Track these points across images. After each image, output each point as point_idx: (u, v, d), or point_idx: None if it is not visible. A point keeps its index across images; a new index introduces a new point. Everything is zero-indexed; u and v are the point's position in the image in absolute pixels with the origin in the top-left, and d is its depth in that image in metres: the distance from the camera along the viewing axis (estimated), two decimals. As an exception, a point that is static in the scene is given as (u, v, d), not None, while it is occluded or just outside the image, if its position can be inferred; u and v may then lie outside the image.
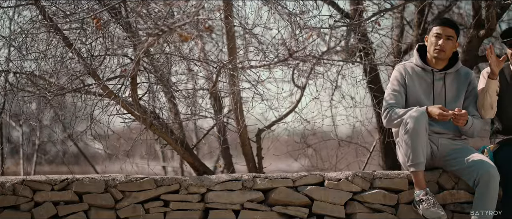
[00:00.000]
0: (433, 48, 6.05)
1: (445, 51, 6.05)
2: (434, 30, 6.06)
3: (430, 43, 6.08)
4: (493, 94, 6.03)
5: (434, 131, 6.06)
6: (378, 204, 6.04)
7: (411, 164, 5.85)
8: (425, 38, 6.15)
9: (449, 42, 6.05)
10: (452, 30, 6.08)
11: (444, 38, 6.03)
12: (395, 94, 6.08)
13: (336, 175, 6.08)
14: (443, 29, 6.05)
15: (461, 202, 6.07)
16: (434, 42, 6.04)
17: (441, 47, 6.02)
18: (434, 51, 6.04)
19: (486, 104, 6.03)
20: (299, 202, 6.00)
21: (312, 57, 6.62)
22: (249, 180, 6.01)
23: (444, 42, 6.03)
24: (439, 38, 6.03)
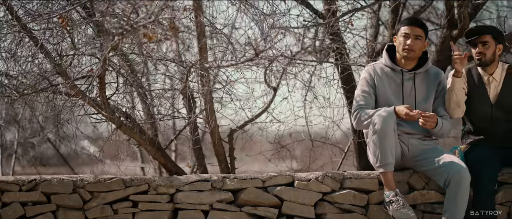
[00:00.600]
0: (401, 47, 6.02)
1: (414, 50, 6.02)
2: (402, 30, 6.04)
3: (398, 43, 6.05)
4: (459, 93, 6.00)
5: (404, 131, 6.03)
6: (348, 204, 6.01)
7: (380, 164, 5.82)
8: (394, 38, 6.12)
9: (417, 42, 6.03)
10: (420, 29, 6.05)
11: (413, 38, 6.01)
12: (364, 95, 6.05)
13: (306, 175, 6.05)
14: (411, 28, 6.03)
15: (432, 202, 6.05)
16: (402, 42, 6.02)
17: (409, 46, 6.00)
18: (403, 51, 6.02)
19: (453, 103, 6.01)
20: (268, 203, 5.97)
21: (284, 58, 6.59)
22: (218, 181, 5.98)
23: (412, 41, 6.00)
24: (407, 38, 6.01)
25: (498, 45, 6.16)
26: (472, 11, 7.10)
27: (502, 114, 6.15)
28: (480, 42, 6.11)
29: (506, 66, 6.23)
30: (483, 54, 6.10)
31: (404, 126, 6.01)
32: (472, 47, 6.16)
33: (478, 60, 6.12)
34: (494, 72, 6.18)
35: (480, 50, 6.10)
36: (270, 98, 6.97)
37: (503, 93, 6.17)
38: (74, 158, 11.49)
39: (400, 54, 6.04)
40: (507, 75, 6.19)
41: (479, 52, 6.11)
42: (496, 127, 6.14)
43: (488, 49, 6.11)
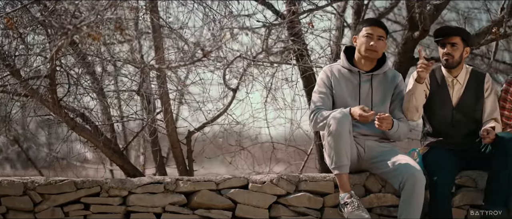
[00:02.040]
0: (364, 48, 5.95)
1: (377, 51, 5.96)
2: (365, 30, 5.97)
3: (360, 43, 5.98)
4: (419, 98, 5.94)
5: (361, 133, 5.97)
6: (303, 207, 5.94)
7: (335, 166, 5.76)
8: (354, 38, 6.05)
9: (380, 42, 5.97)
10: (382, 30, 6.00)
11: (376, 39, 5.95)
12: (321, 96, 5.99)
13: (260, 178, 5.97)
14: (374, 29, 5.96)
15: (388, 205, 5.99)
16: (365, 42, 5.95)
17: (373, 47, 5.94)
18: (366, 51, 5.95)
19: (411, 107, 5.95)
20: (222, 205, 5.89)
21: (242, 59, 6.53)
22: (171, 183, 5.90)
23: (376, 42, 5.94)
24: (370, 38, 5.94)
25: (466, 48, 6.10)
26: (433, 12, 7.05)
27: (463, 117, 6.10)
28: (448, 43, 6.05)
29: (470, 69, 6.17)
30: (450, 56, 6.04)
31: (360, 128, 5.94)
32: (440, 46, 6.10)
33: (445, 61, 6.06)
34: (458, 75, 6.12)
35: (448, 51, 6.04)
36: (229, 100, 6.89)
37: (465, 96, 6.11)
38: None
39: (362, 55, 5.97)
40: (470, 79, 6.13)
41: (447, 53, 6.04)
42: (456, 130, 6.09)
43: (456, 51, 6.05)
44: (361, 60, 6.01)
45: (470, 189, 6.07)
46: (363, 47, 5.95)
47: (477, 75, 6.17)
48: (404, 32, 7.27)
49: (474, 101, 6.13)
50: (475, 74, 6.18)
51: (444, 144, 6.10)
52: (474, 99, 6.13)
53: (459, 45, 6.05)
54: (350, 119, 5.76)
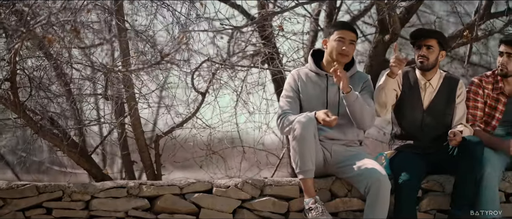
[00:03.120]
0: (336, 52, 5.89)
1: (348, 55, 5.91)
2: (337, 34, 5.90)
3: (331, 47, 5.92)
4: (389, 94, 5.88)
5: (328, 137, 5.91)
6: (268, 212, 5.88)
7: (299, 171, 5.70)
8: (324, 41, 5.99)
9: (351, 46, 5.92)
10: (354, 34, 5.95)
11: (348, 43, 5.90)
12: (288, 100, 5.93)
13: (225, 182, 5.92)
14: (346, 33, 5.91)
15: (354, 210, 5.94)
16: (337, 46, 5.88)
17: (345, 52, 5.88)
18: (338, 56, 5.89)
19: (381, 101, 5.89)
20: (186, 210, 5.83)
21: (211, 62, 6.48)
22: (134, 187, 5.84)
23: (347, 46, 5.89)
24: (342, 43, 5.88)
25: (441, 51, 6.07)
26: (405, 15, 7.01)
27: (432, 120, 6.07)
28: (424, 45, 6.01)
29: (444, 75, 6.13)
30: (426, 58, 6.01)
31: (327, 131, 5.89)
32: (415, 48, 6.05)
33: (420, 63, 6.02)
34: (432, 79, 6.08)
35: (424, 53, 6.00)
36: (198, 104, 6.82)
37: (436, 100, 6.08)
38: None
39: (333, 58, 5.91)
40: (443, 83, 6.09)
41: (423, 55, 6.01)
42: (424, 133, 6.06)
43: (432, 53, 6.01)
44: (330, 64, 5.95)
45: (437, 193, 6.03)
46: (335, 51, 5.89)
47: (450, 80, 6.14)
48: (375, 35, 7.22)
49: (444, 106, 6.10)
50: (449, 79, 6.15)
51: (412, 148, 6.06)
52: (445, 103, 6.10)
53: (435, 48, 6.02)
54: (315, 123, 5.69)
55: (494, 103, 6.18)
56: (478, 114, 6.17)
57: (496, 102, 6.18)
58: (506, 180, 6.09)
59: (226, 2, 6.89)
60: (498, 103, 6.17)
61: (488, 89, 6.18)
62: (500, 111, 6.17)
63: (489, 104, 6.19)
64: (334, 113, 5.83)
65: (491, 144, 6.04)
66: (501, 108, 6.17)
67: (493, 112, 6.18)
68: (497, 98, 6.17)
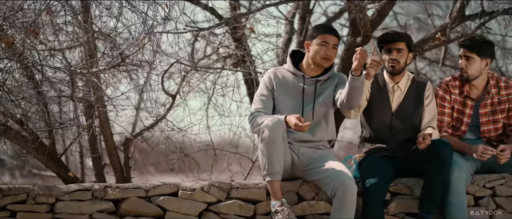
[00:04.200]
0: (320, 56, 5.83)
1: (331, 60, 5.89)
2: (321, 38, 5.84)
3: (315, 50, 5.85)
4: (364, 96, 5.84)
5: (296, 139, 5.88)
6: (234, 215, 5.84)
7: (267, 173, 5.66)
8: (306, 44, 5.92)
9: (334, 51, 5.89)
10: (337, 38, 5.92)
11: (331, 47, 5.86)
12: (262, 99, 5.89)
13: (191, 185, 5.87)
14: (330, 37, 5.86)
15: (321, 213, 5.90)
16: (321, 50, 5.83)
17: (328, 56, 5.85)
18: (321, 60, 5.84)
19: None
20: (151, 213, 5.78)
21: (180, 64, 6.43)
22: (99, 190, 5.79)
23: (330, 51, 5.85)
24: (326, 47, 5.84)
25: (409, 54, 6.03)
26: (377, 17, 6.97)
27: (401, 123, 6.04)
28: (395, 49, 5.98)
29: (412, 77, 6.10)
30: (397, 62, 5.98)
31: (296, 133, 5.84)
32: (384, 52, 6.01)
33: (391, 67, 5.98)
34: (400, 81, 6.05)
35: (395, 57, 5.97)
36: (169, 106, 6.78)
37: (405, 103, 6.06)
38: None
39: (315, 62, 5.86)
40: (411, 86, 6.05)
41: (394, 59, 5.97)
42: (393, 136, 6.03)
43: (402, 57, 5.99)
44: (310, 66, 5.91)
45: (405, 196, 6.00)
46: (319, 55, 5.84)
47: (418, 82, 6.12)
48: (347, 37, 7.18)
49: (413, 108, 6.07)
50: (417, 81, 6.12)
51: (381, 151, 6.03)
52: (414, 106, 6.07)
53: (404, 51, 6.00)
54: (284, 125, 5.65)
55: (461, 108, 6.14)
56: (445, 119, 6.13)
57: (464, 107, 6.14)
58: (475, 183, 6.06)
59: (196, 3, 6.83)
60: (465, 108, 6.13)
61: (455, 94, 6.14)
62: (468, 115, 6.13)
63: (457, 109, 6.15)
64: (309, 115, 5.80)
65: (460, 149, 6.00)
66: (468, 112, 6.13)
67: (461, 116, 6.15)
68: (464, 102, 6.14)
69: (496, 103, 6.13)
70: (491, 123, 6.15)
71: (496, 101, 6.13)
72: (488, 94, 6.12)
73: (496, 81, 6.16)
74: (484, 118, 6.14)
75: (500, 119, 6.15)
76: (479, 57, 6.06)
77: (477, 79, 6.11)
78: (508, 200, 6.10)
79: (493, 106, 6.13)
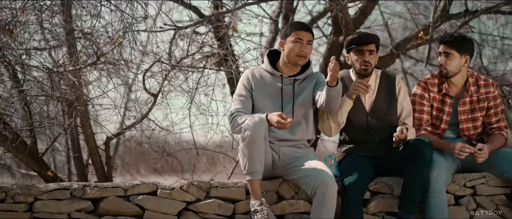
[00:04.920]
0: (295, 53, 5.82)
1: (306, 57, 5.86)
2: (295, 35, 5.83)
3: (289, 48, 5.84)
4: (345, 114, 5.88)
5: (277, 138, 5.86)
6: (213, 214, 5.82)
7: (247, 172, 5.64)
8: (281, 43, 5.92)
9: (309, 47, 5.86)
10: (311, 34, 5.89)
11: (305, 44, 5.83)
12: (241, 99, 5.87)
13: (170, 184, 5.85)
14: (304, 34, 5.84)
15: (300, 212, 5.88)
16: (294, 47, 5.82)
17: (303, 53, 5.82)
18: (297, 58, 5.83)
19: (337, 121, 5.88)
20: (129, 212, 5.76)
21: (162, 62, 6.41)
22: (78, 189, 5.77)
23: (305, 47, 5.83)
24: (301, 44, 5.82)
25: (376, 54, 6.02)
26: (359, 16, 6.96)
27: (378, 122, 6.03)
28: (367, 51, 5.95)
29: (380, 73, 6.08)
30: (370, 64, 5.96)
31: (276, 132, 5.83)
32: (355, 54, 5.96)
33: (364, 70, 5.95)
34: (369, 80, 6.04)
35: (368, 59, 5.94)
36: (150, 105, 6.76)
37: (378, 101, 6.05)
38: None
39: (292, 60, 5.84)
40: (381, 82, 6.04)
41: (367, 61, 5.94)
42: (372, 135, 6.02)
43: (374, 58, 5.98)
44: (286, 65, 5.90)
45: (385, 195, 5.98)
46: (293, 53, 5.82)
47: (387, 77, 6.11)
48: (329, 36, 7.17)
49: (387, 104, 6.06)
50: (386, 77, 6.10)
51: (361, 150, 6.01)
52: (387, 102, 6.07)
53: (375, 52, 5.99)
54: (266, 124, 5.63)
55: (440, 106, 6.13)
56: (424, 118, 6.12)
57: (443, 105, 6.13)
58: (456, 182, 6.05)
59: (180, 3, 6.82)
60: (444, 105, 6.12)
61: (434, 92, 6.13)
62: (447, 112, 6.12)
63: (436, 107, 6.14)
64: (288, 114, 5.79)
65: (439, 147, 5.99)
66: (447, 110, 6.12)
67: (440, 114, 6.14)
68: (443, 100, 6.13)
69: (475, 101, 6.12)
70: (470, 121, 6.14)
71: (475, 99, 6.12)
72: (467, 92, 6.11)
73: (476, 79, 6.15)
74: (463, 115, 6.13)
75: (479, 117, 6.13)
76: (459, 54, 6.05)
77: (456, 77, 6.09)
78: (489, 199, 6.09)
79: (472, 104, 6.12)
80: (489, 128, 6.16)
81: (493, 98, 6.15)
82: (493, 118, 6.15)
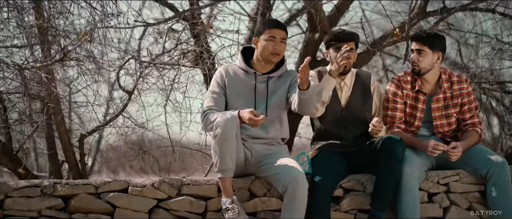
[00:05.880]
0: (268, 52, 5.80)
1: (280, 54, 5.83)
2: (268, 33, 5.81)
3: (263, 46, 5.82)
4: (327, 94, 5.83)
5: (250, 136, 5.83)
6: (185, 211, 5.79)
7: (218, 169, 5.61)
8: (254, 40, 5.89)
9: (282, 45, 5.84)
10: (285, 32, 5.87)
11: (279, 41, 5.81)
12: (214, 96, 5.84)
13: (141, 181, 5.83)
14: (277, 31, 5.81)
15: (272, 209, 5.86)
16: (268, 45, 5.79)
17: (277, 51, 5.80)
18: (270, 56, 5.81)
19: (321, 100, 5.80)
20: (100, 210, 5.74)
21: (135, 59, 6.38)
22: (49, 186, 5.74)
23: (279, 45, 5.80)
24: (274, 42, 5.79)
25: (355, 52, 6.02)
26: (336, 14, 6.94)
27: (353, 118, 6.03)
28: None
29: (355, 71, 6.08)
30: (349, 61, 5.95)
31: (250, 130, 5.80)
32: (334, 51, 5.95)
33: (344, 67, 5.93)
34: (345, 78, 6.05)
35: (348, 56, 5.92)
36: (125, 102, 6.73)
37: (353, 98, 6.05)
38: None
39: (265, 58, 5.82)
40: (356, 81, 6.04)
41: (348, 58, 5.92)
42: (346, 131, 6.01)
43: (353, 55, 5.97)
44: (260, 63, 5.88)
45: (358, 193, 5.96)
46: (267, 51, 5.80)
47: (363, 76, 6.14)
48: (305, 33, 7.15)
49: (362, 102, 6.09)
50: (361, 75, 6.12)
51: (334, 147, 5.99)
52: (362, 100, 6.09)
53: (354, 49, 5.98)
54: (238, 122, 5.60)
55: (414, 103, 6.12)
56: (397, 115, 6.10)
57: (416, 102, 6.11)
58: (429, 179, 6.03)
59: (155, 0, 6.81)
60: (418, 103, 6.11)
61: (407, 89, 6.11)
62: (421, 109, 6.10)
63: (409, 104, 6.12)
64: (262, 112, 5.76)
65: (412, 145, 5.98)
66: (421, 107, 6.10)
67: (414, 111, 6.12)
68: (417, 97, 6.11)
69: (448, 98, 6.10)
70: (444, 117, 6.12)
71: (449, 96, 6.11)
72: (440, 88, 6.10)
73: (448, 76, 6.14)
74: (436, 112, 6.11)
75: (452, 113, 6.12)
76: (431, 50, 6.03)
77: (429, 74, 6.08)
78: (462, 196, 6.08)
79: (446, 101, 6.11)
80: (463, 124, 6.14)
81: (467, 95, 6.14)
82: (467, 114, 6.14)
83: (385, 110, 6.13)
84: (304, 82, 5.51)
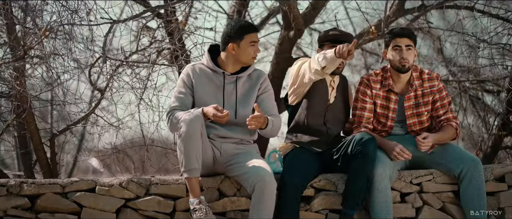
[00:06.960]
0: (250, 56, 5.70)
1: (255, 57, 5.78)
2: (249, 38, 5.70)
3: (245, 52, 5.70)
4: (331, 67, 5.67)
5: (219, 135, 5.76)
6: (153, 211, 5.72)
7: (184, 170, 5.54)
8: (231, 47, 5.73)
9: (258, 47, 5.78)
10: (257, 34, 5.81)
11: (257, 45, 5.75)
12: (180, 96, 5.77)
13: (109, 181, 5.76)
14: (255, 36, 5.74)
15: (242, 209, 5.80)
16: (251, 50, 5.70)
17: (256, 54, 5.76)
18: (251, 60, 5.74)
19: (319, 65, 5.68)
20: (67, 209, 5.66)
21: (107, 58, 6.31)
22: (15, 186, 5.66)
23: (257, 48, 5.74)
24: (255, 46, 5.72)
25: None
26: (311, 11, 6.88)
27: (333, 118, 6.02)
28: None
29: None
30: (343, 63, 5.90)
31: (219, 129, 5.73)
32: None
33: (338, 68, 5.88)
34: (334, 77, 6.02)
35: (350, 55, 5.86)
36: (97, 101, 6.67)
37: (337, 98, 6.05)
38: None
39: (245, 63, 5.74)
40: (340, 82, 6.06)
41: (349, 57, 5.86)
42: (326, 129, 5.96)
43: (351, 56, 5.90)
44: (229, 62, 5.79)
45: (329, 192, 5.90)
46: (249, 56, 5.71)
47: (342, 79, 6.15)
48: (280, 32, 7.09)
49: (342, 104, 6.09)
50: (342, 78, 6.14)
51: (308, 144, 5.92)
52: (342, 101, 6.09)
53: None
54: (202, 120, 5.53)
55: (385, 103, 6.04)
56: (365, 115, 6.02)
57: (388, 102, 6.03)
58: (402, 179, 5.97)
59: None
60: (389, 103, 6.03)
61: (376, 88, 6.04)
62: (392, 109, 6.02)
63: (380, 104, 6.05)
64: (231, 112, 5.69)
65: (380, 145, 5.90)
66: (393, 107, 6.02)
67: (386, 111, 6.04)
68: (388, 97, 6.03)
69: (419, 96, 6.03)
70: (415, 116, 6.04)
71: (420, 94, 6.03)
72: (411, 86, 6.02)
73: (419, 74, 6.06)
74: (408, 111, 6.04)
75: (423, 111, 6.04)
76: (414, 47, 5.98)
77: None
78: (435, 196, 6.02)
79: (417, 99, 6.03)
80: (438, 121, 6.06)
81: (438, 91, 6.06)
82: (440, 110, 6.06)
83: (353, 110, 6.07)
84: (261, 126, 5.58)
